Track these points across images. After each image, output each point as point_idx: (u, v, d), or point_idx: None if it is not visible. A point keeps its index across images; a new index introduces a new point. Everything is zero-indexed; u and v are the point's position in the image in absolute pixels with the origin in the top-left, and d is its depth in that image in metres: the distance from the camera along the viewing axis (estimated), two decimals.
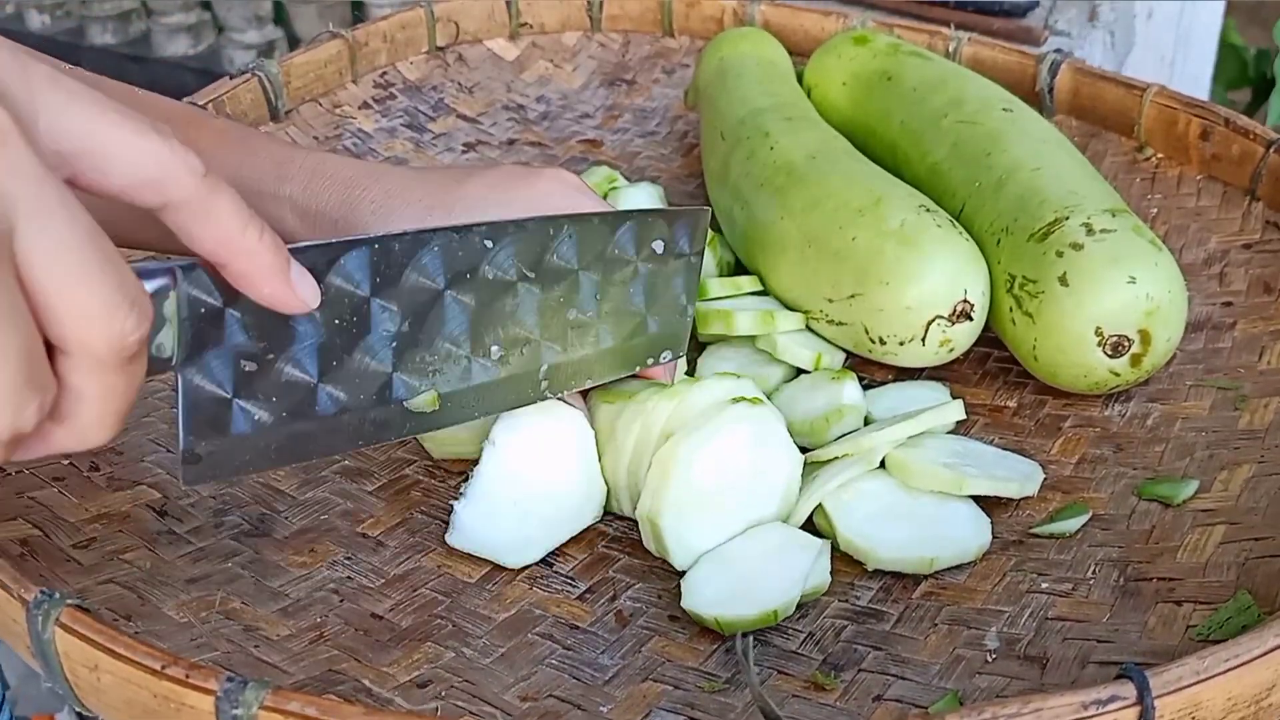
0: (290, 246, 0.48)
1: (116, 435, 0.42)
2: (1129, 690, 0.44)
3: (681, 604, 0.61)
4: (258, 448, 0.52)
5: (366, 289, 0.53)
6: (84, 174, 0.41)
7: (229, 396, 0.50)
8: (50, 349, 0.39)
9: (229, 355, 0.49)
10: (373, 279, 0.53)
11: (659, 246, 0.64)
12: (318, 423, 0.54)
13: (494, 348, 0.59)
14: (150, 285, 0.45)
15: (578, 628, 0.61)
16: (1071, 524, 0.65)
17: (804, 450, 0.68)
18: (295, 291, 0.47)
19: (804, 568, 0.61)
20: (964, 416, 0.70)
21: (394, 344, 0.55)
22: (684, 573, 0.62)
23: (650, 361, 0.67)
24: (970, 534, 0.64)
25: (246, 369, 0.50)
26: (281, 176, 0.66)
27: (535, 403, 0.62)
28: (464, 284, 0.57)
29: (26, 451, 0.41)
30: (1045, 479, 0.68)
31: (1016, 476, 0.66)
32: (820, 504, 0.66)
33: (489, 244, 0.57)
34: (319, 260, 0.51)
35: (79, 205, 0.39)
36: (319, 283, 0.49)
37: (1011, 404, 0.75)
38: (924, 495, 0.66)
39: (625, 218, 0.62)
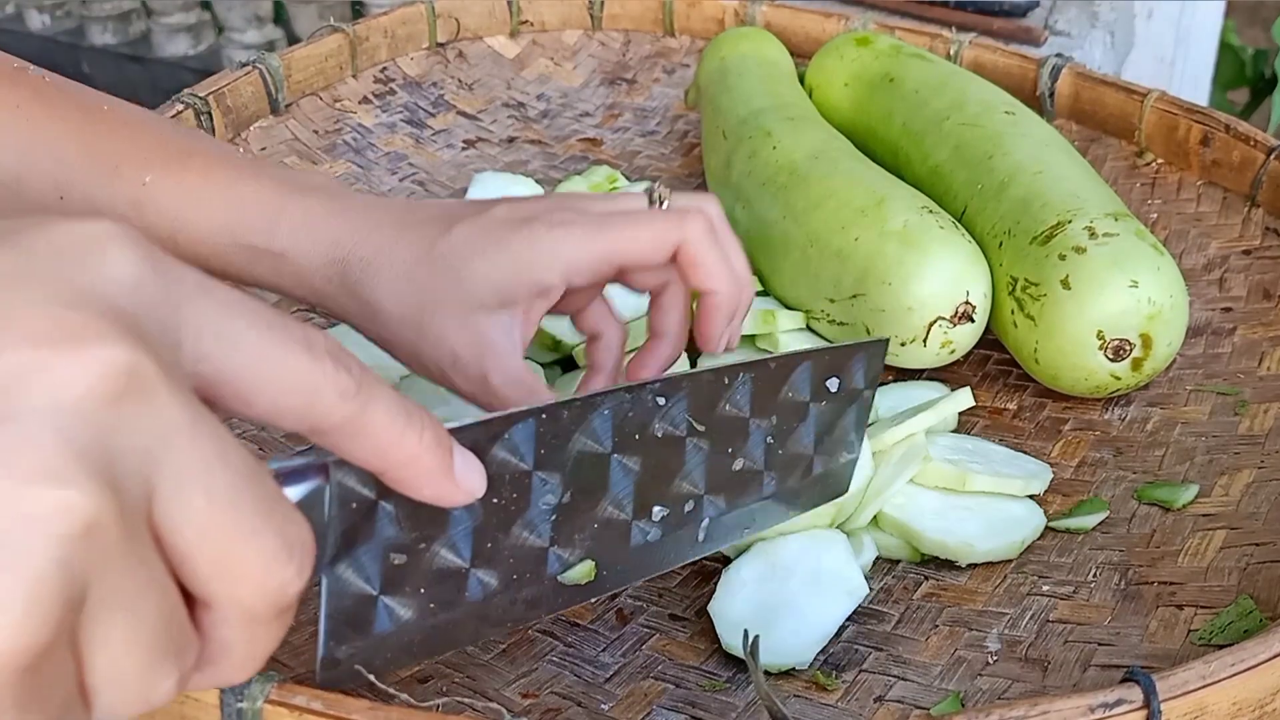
0: (451, 427, 0.43)
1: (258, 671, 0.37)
2: (1136, 694, 0.44)
3: (708, 607, 0.59)
4: (400, 644, 0.47)
5: (530, 462, 0.48)
6: (225, 400, 0.35)
7: (375, 594, 0.45)
8: (189, 598, 0.34)
9: (378, 550, 0.44)
10: (537, 451, 0.48)
11: (834, 385, 0.58)
12: (465, 610, 0.48)
13: (656, 508, 0.54)
14: (301, 490, 0.41)
15: (578, 625, 0.60)
16: (1089, 520, 0.65)
17: None
18: (460, 487, 0.42)
19: (839, 616, 0.60)
20: (973, 403, 0.70)
21: (553, 517, 0.50)
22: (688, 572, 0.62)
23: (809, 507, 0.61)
24: (1027, 514, 0.65)
25: (395, 562, 0.45)
26: (272, 232, 0.61)
27: (689, 560, 0.57)
28: (631, 445, 0.51)
29: (169, 696, 0.35)
30: (1050, 480, 0.68)
31: (1021, 474, 0.66)
32: (883, 509, 0.65)
33: (661, 401, 0.52)
34: (481, 438, 0.46)
35: (234, 444, 0.33)
36: (481, 459, 0.44)
37: (1011, 406, 0.75)
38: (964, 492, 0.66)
39: (802, 358, 0.57)
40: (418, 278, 0.59)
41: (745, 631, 0.49)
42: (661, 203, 0.62)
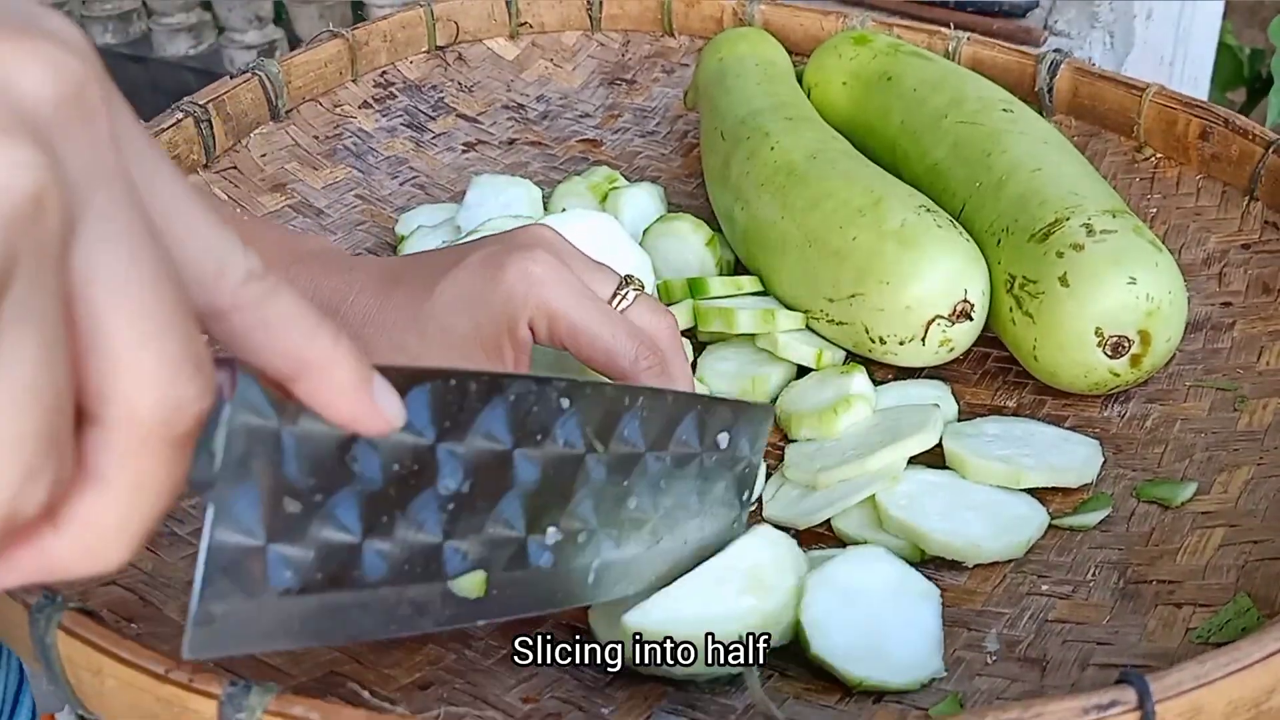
0: None
1: (127, 559, 0.32)
2: (1129, 695, 0.44)
3: (810, 650, 0.57)
4: (281, 617, 0.42)
5: (432, 436, 0.45)
6: None
7: (262, 543, 0.40)
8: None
9: (273, 489, 0.39)
10: (441, 423, 0.45)
11: (723, 440, 0.58)
12: (354, 594, 0.44)
13: (550, 529, 0.51)
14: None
15: (579, 629, 0.61)
16: (1093, 517, 0.65)
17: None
18: (379, 408, 0.38)
19: (934, 621, 0.59)
20: (954, 416, 0.69)
21: (451, 505, 0.46)
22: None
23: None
24: (1030, 512, 0.66)
25: (289, 509, 0.40)
26: (292, 269, 0.62)
27: (582, 604, 0.55)
28: (532, 445, 0.49)
29: (6, 563, 0.30)
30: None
31: (1075, 464, 0.67)
32: (888, 510, 0.65)
33: (564, 403, 0.50)
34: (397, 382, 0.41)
35: (155, 233, 0.31)
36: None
37: (1011, 404, 0.75)
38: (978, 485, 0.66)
39: (696, 401, 0.56)
40: (409, 345, 0.60)
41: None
42: (625, 296, 0.62)
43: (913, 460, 0.69)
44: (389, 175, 0.96)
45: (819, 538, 0.67)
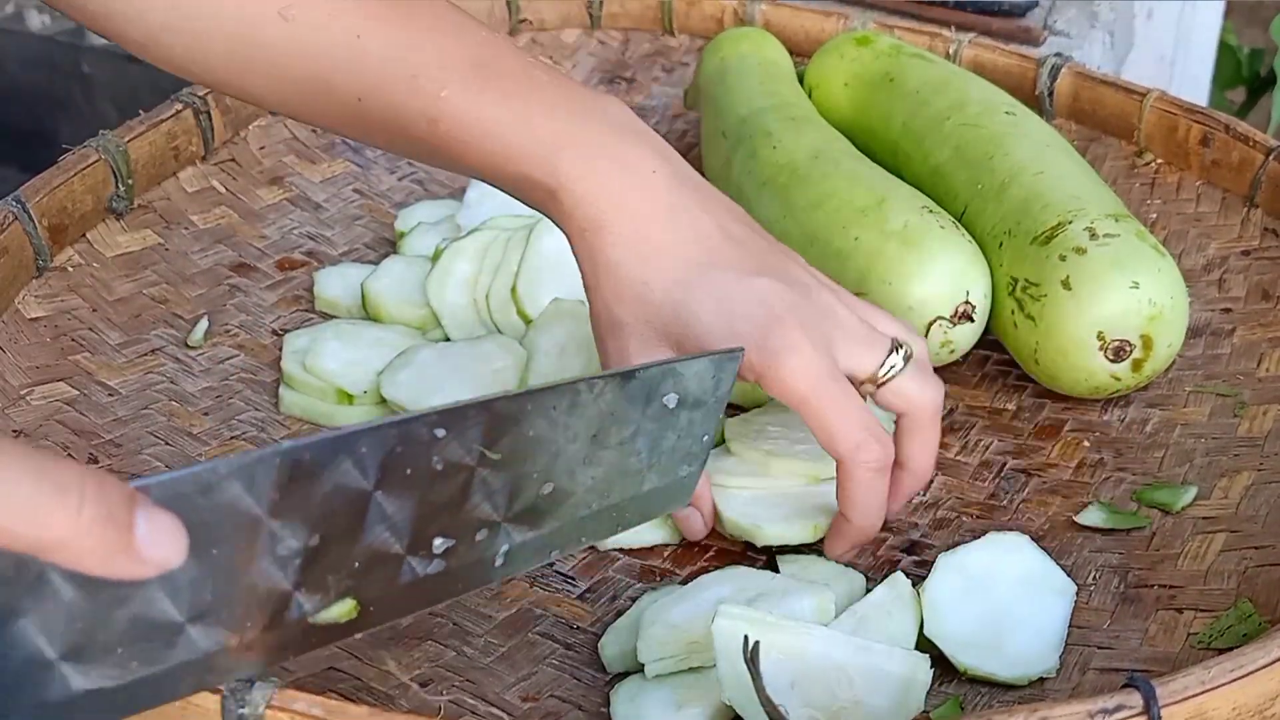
0: (146, 482, 0.39)
1: None
2: (1135, 699, 0.44)
3: (922, 629, 0.58)
4: (100, 704, 0.40)
5: (263, 508, 0.42)
6: None
7: (52, 660, 0.39)
8: None
9: (52, 618, 0.38)
10: (270, 497, 0.42)
11: (671, 401, 0.55)
12: (180, 665, 0.42)
13: (437, 540, 0.48)
14: None
15: (578, 627, 0.61)
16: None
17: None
18: (144, 558, 0.38)
19: (1062, 619, 0.59)
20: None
21: (297, 560, 0.44)
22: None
23: (642, 520, 0.58)
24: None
25: (78, 625, 0.39)
26: (553, 171, 0.60)
27: (489, 585, 0.55)
28: (400, 482, 0.46)
29: None
30: (1044, 483, 0.69)
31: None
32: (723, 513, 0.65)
33: (440, 433, 0.46)
34: (190, 489, 0.40)
35: None
36: (191, 516, 0.40)
37: (1010, 407, 0.75)
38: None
39: (627, 378, 0.53)
40: (644, 298, 0.60)
41: (745, 638, 0.49)
42: (893, 368, 0.60)
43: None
44: (387, 170, 0.96)
45: None
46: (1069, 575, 0.61)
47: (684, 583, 0.63)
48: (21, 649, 0.38)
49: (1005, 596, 0.60)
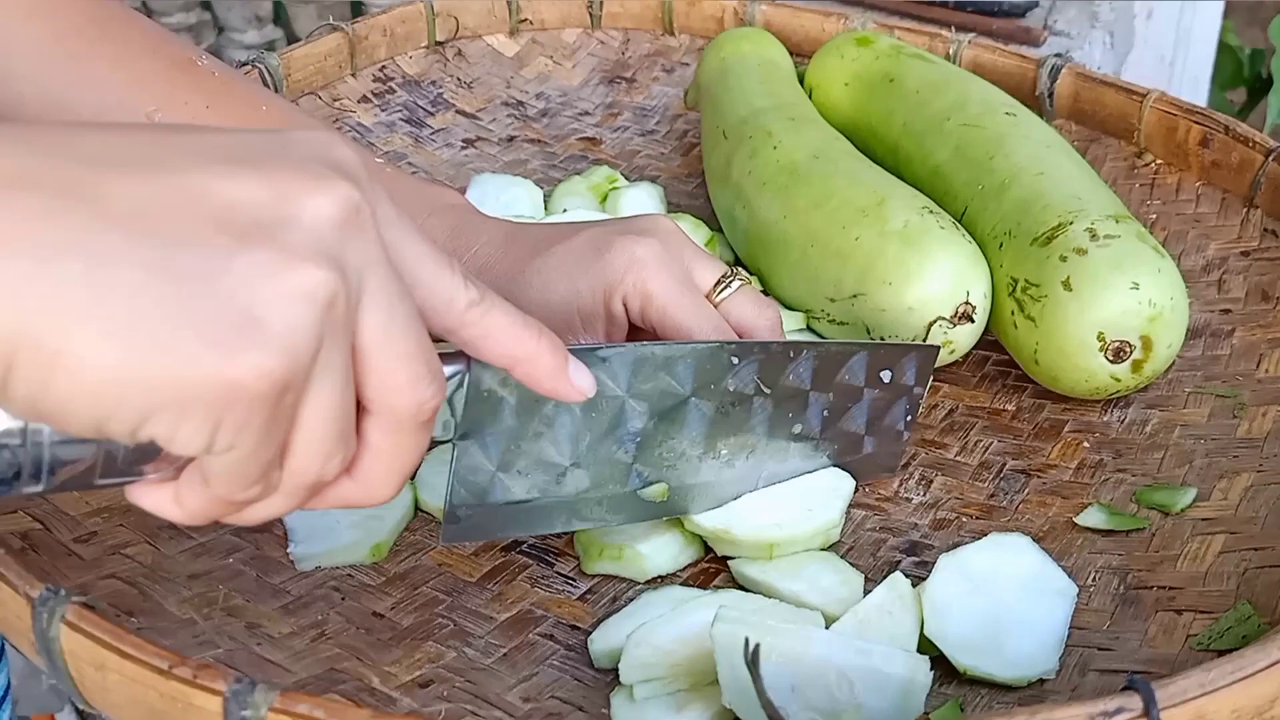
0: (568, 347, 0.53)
1: (396, 494, 0.47)
2: (1135, 702, 0.45)
3: (923, 630, 0.58)
4: (509, 516, 0.58)
5: (623, 388, 0.58)
6: None
7: (493, 470, 0.57)
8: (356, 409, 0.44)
9: (499, 435, 0.56)
10: (630, 379, 0.58)
11: (886, 376, 0.66)
12: (560, 499, 0.59)
13: (723, 450, 0.62)
14: (447, 371, 0.51)
15: (579, 628, 0.61)
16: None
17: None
18: (573, 384, 0.52)
19: (1062, 620, 0.59)
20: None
21: (638, 439, 0.60)
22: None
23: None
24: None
25: (512, 448, 0.56)
26: (430, 220, 0.70)
27: (750, 490, 0.65)
28: (707, 393, 0.61)
29: (321, 500, 0.46)
30: (1044, 484, 0.69)
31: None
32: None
33: (734, 360, 0.61)
34: (587, 359, 0.55)
35: (408, 293, 0.45)
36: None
37: (1010, 407, 0.75)
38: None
39: (860, 348, 0.65)
40: (514, 296, 0.66)
41: (746, 640, 0.49)
42: (729, 286, 0.67)
43: None
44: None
45: None
46: (1068, 576, 0.62)
47: (684, 584, 0.63)
48: (479, 458, 0.56)
49: (1006, 597, 0.60)
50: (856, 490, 0.67)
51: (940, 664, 0.57)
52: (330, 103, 0.99)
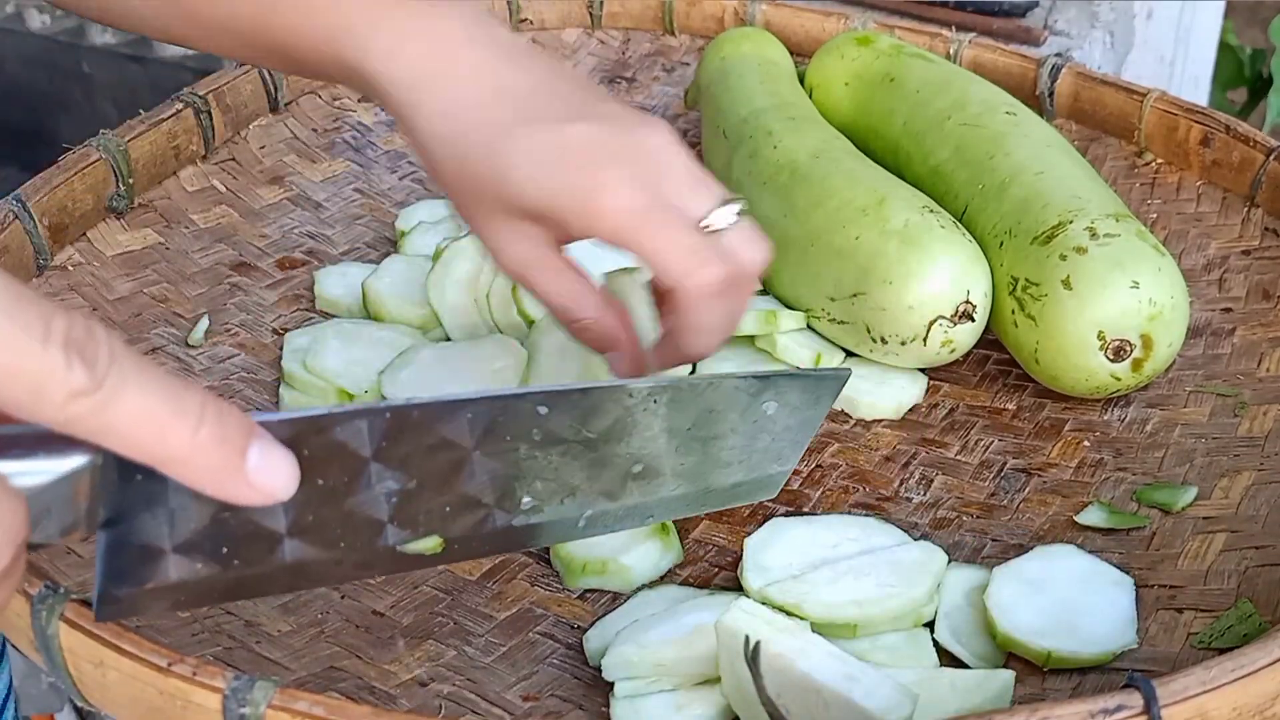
0: (268, 419, 0.43)
1: None
2: (1136, 700, 0.45)
3: (997, 627, 0.58)
4: (197, 591, 0.46)
5: (368, 452, 0.47)
6: None
7: (165, 549, 0.44)
8: None
9: (167, 515, 0.44)
10: (377, 444, 0.47)
11: (770, 408, 0.56)
12: (277, 567, 0.47)
13: (525, 499, 0.52)
14: (77, 459, 0.40)
15: (578, 627, 0.61)
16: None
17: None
18: (254, 486, 0.41)
19: (1128, 603, 0.60)
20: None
21: (393, 499, 0.49)
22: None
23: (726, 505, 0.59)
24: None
25: (190, 525, 0.44)
26: (365, 52, 0.59)
27: (571, 540, 0.58)
28: (499, 446, 0.50)
29: None
30: (1044, 482, 0.69)
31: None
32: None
33: (542, 410, 0.51)
34: (307, 430, 0.45)
35: None
36: (303, 451, 0.44)
37: (1011, 406, 0.75)
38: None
39: (733, 383, 0.55)
40: (467, 171, 0.58)
41: (746, 638, 0.49)
42: (734, 218, 0.58)
43: None
44: (388, 169, 0.96)
45: None
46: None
47: (684, 584, 0.63)
48: (139, 537, 0.44)
49: (1069, 592, 0.60)
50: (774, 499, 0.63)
51: (1014, 663, 0.57)
52: (330, 102, 0.99)
